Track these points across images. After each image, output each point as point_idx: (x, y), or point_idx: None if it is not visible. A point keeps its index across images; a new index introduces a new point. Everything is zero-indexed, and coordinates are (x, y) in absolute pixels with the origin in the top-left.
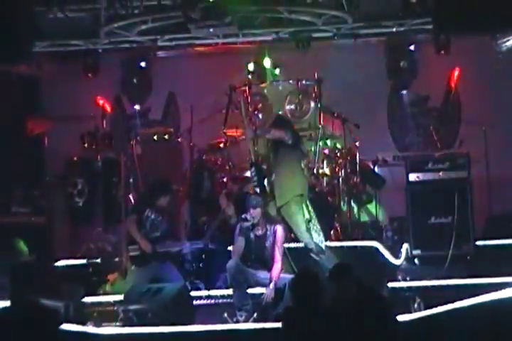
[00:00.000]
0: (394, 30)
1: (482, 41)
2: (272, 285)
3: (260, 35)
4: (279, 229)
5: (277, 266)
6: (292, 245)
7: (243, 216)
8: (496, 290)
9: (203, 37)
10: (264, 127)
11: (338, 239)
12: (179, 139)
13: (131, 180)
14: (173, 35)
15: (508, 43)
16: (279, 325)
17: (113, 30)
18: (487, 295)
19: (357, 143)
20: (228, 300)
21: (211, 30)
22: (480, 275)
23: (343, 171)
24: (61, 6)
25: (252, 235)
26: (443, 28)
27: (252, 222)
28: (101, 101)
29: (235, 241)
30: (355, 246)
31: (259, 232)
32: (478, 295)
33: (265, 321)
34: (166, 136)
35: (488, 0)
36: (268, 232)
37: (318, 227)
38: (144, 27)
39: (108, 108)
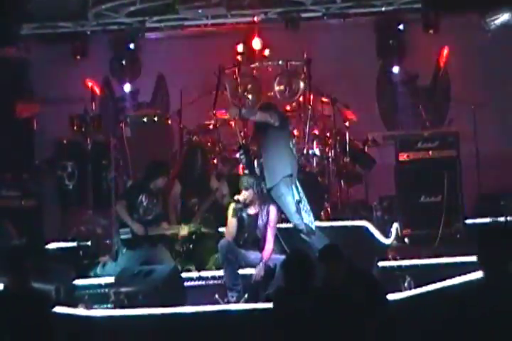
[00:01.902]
0: (383, 9)
1: (471, 19)
2: (261, 265)
3: (249, 16)
4: (272, 209)
5: (269, 246)
6: (283, 225)
7: (235, 197)
8: None
9: (192, 18)
10: (251, 109)
11: (328, 219)
12: (169, 121)
13: (121, 163)
14: (162, 16)
15: (496, 21)
16: (269, 305)
17: (101, 12)
18: (477, 272)
19: (346, 123)
20: (219, 282)
21: (200, 11)
22: (470, 253)
23: (332, 151)
24: None
25: (244, 214)
26: (432, 6)
27: (244, 203)
28: (90, 84)
29: (228, 222)
30: (346, 226)
31: (252, 212)
32: (468, 273)
33: (256, 301)
34: (156, 118)
35: None
36: (261, 212)
37: (308, 208)
38: (132, 8)
39: (97, 90)
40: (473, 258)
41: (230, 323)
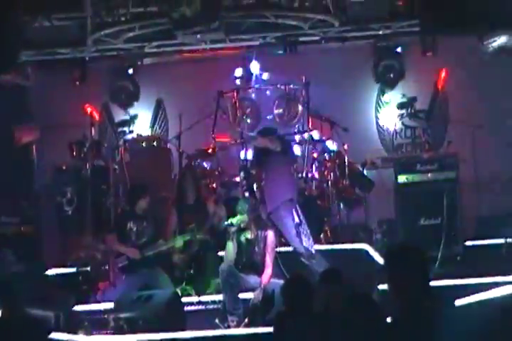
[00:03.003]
0: (381, 32)
1: (469, 42)
2: (259, 289)
3: (247, 40)
4: (270, 234)
5: (268, 271)
6: (283, 249)
7: (229, 221)
8: (487, 289)
9: (190, 43)
10: (252, 134)
11: (328, 242)
12: (168, 146)
13: (120, 188)
14: (160, 41)
15: (494, 44)
16: (270, 329)
17: (100, 38)
18: (477, 295)
19: (345, 146)
20: (219, 306)
21: (198, 36)
22: (470, 275)
23: (332, 174)
24: (47, 14)
25: (243, 239)
26: (430, 30)
27: (239, 226)
28: (89, 109)
29: (227, 245)
30: (345, 249)
31: (250, 237)
32: (468, 295)
33: (256, 326)
34: (155, 143)
35: (474, 1)
36: (258, 237)
37: (308, 232)
38: (130, 34)
39: (96, 116)
40: (474, 280)
41: None
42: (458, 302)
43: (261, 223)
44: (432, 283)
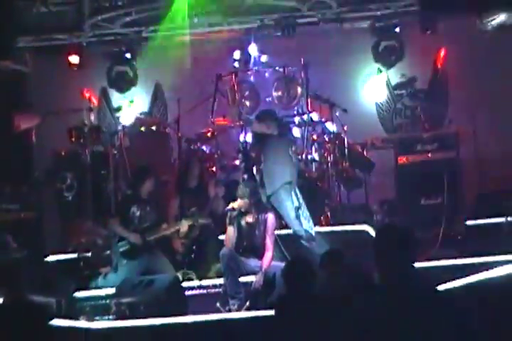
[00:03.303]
0: (379, 13)
1: (468, 21)
2: (261, 273)
3: (245, 23)
4: (270, 217)
5: (268, 254)
6: (283, 232)
7: (230, 206)
8: (489, 269)
9: (188, 27)
10: (250, 117)
11: (328, 224)
12: (167, 130)
13: (120, 173)
14: (158, 25)
15: (493, 22)
16: (271, 312)
17: (97, 23)
18: (480, 274)
19: (345, 128)
20: (220, 290)
21: (196, 19)
22: (471, 254)
23: (331, 156)
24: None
25: (243, 223)
26: (429, 8)
27: (240, 211)
28: (87, 95)
29: (227, 230)
30: (346, 231)
31: (250, 220)
32: (470, 275)
33: (258, 309)
34: (154, 127)
35: None
36: (259, 220)
37: (308, 214)
38: (128, 19)
39: (94, 101)
40: (476, 260)
41: (231, 332)
42: (459, 283)
43: (261, 206)
44: (433, 264)
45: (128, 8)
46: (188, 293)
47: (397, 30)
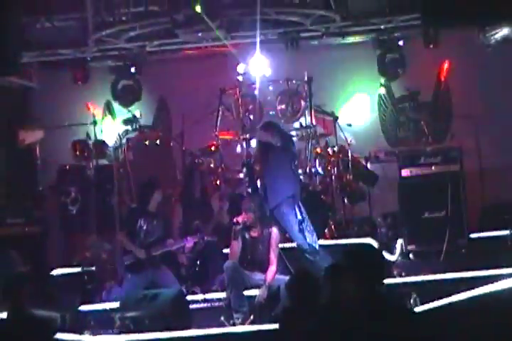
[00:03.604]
0: (382, 27)
1: (470, 34)
2: (264, 287)
3: (249, 37)
4: (274, 231)
5: (272, 268)
6: (287, 245)
7: (234, 220)
8: (492, 282)
9: (192, 41)
10: (255, 127)
11: (333, 237)
12: (171, 143)
13: (124, 186)
14: (162, 40)
15: (496, 35)
16: (276, 326)
17: (101, 38)
18: (483, 287)
19: (349, 141)
20: (224, 304)
21: (199, 34)
22: (475, 267)
23: (335, 169)
24: (48, 15)
25: (247, 237)
26: (431, 22)
27: (244, 224)
28: (91, 108)
29: (232, 244)
30: (350, 244)
31: (255, 234)
32: (474, 288)
33: (262, 323)
34: (158, 141)
35: None
36: (263, 235)
37: (311, 228)
38: (132, 33)
39: (99, 115)
40: (479, 273)
41: None
42: (464, 296)
43: (266, 221)
44: (437, 277)
45: (132, 22)
46: (192, 306)
47: (401, 43)
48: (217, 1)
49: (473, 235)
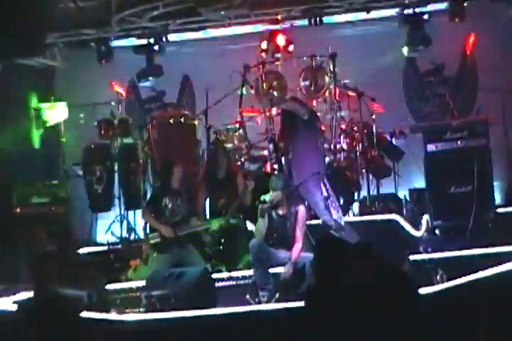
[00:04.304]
0: (406, 1)
1: (497, 9)
2: (290, 264)
3: (272, 15)
4: (301, 209)
5: (298, 245)
6: (313, 222)
7: (262, 198)
8: None
9: (215, 20)
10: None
11: (358, 214)
12: (195, 121)
13: (149, 165)
14: (185, 19)
15: None
16: (301, 304)
17: (124, 18)
18: (510, 263)
19: (373, 116)
20: (250, 282)
21: (222, 12)
22: (502, 243)
23: (360, 145)
24: None
25: (274, 215)
26: None
27: (272, 203)
28: (116, 87)
29: (258, 222)
30: (376, 220)
31: (282, 212)
32: (501, 264)
33: (288, 300)
34: (182, 119)
35: None
36: (290, 212)
37: (337, 204)
38: (155, 13)
39: (123, 93)
40: (507, 249)
41: (262, 323)
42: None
43: (293, 199)
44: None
45: (155, 2)
46: (217, 284)
47: (425, 17)
48: None
49: (499, 210)
